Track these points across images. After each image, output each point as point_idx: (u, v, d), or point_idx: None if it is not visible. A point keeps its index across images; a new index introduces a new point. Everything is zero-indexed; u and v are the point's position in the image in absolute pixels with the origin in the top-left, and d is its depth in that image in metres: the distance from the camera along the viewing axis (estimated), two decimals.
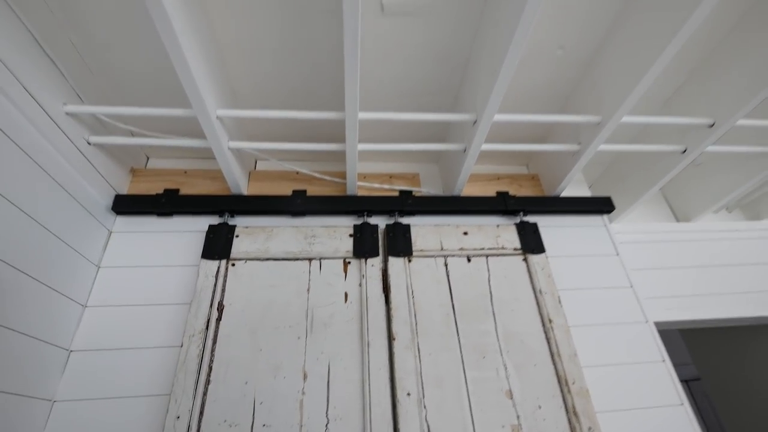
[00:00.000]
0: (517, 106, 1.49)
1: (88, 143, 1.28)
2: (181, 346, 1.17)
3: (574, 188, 1.78)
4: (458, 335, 1.27)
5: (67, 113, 1.19)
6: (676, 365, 2.65)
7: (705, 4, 0.96)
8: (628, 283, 1.46)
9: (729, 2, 1.27)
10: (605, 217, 1.62)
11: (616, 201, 1.76)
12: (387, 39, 1.23)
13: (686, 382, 2.55)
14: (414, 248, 1.40)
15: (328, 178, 1.54)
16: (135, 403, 1.13)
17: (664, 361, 1.30)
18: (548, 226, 1.57)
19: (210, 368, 1.15)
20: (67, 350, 1.19)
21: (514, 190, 1.66)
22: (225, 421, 1.08)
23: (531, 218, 1.57)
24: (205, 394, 1.11)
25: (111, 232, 1.42)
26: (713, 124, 1.35)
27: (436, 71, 1.36)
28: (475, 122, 1.26)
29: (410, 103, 1.46)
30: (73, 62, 1.21)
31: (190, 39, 1.01)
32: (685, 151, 1.44)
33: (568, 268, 1.47)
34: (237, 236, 1.38)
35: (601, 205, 1.60)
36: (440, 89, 1.42)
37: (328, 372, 1.18)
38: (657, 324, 1.44)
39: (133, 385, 1.15)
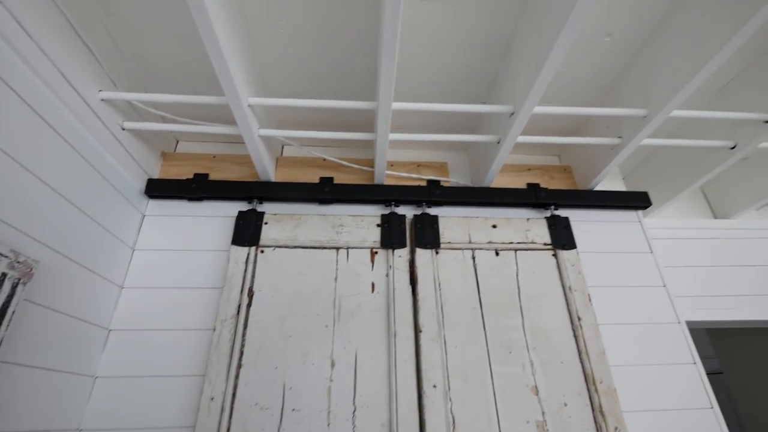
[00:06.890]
0: (554, 95, 1.43)
1: (122, 129, 1.29)
2: (214, 329, 1.21)
3: (607, 180, 1.72)
4: (485, 329, 1.26)
5: (102, 99, 1.19)
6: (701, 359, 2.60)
7: None
8: (661, 282, 1.42)
9: None
10: (640, 212, 1.57)
11: (652, 195, 1.69)
12: (419, 24, 1.18)
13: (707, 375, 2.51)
14: (441, 240, 1.39)
15: (356, 166, 1.52)
16: (172, 382, 1.18)
17: (695, 363, 1.28)
18: (580, 220, 1.52)
19: (241, 352, 1.19)
20: (107, 329, 1.24)
21: (546, 182, 1.61)
22: (256, 403, 1.12)
23: (562, 212, 1.53)
24: (237, 377, 1.15)
25: (144, 216, 1.45)
26: None
27: (471, 58, 1.30)
28: (512, 114, 1.21)
29: (441, 90, 1.41)
30: (106, 47, 1.20)
31: (225, 26, 0.99)
32: (734, 147, 1.36)
33: (600, 265, 1.44)
34: (266, 223, 1.39)
35: (637, 201, 1.54)
36: (473, 77, 1.37)
37: (355, 360, 1.20)
38: (689, 323, 1.41)
39: (169, 364, 1.20)
